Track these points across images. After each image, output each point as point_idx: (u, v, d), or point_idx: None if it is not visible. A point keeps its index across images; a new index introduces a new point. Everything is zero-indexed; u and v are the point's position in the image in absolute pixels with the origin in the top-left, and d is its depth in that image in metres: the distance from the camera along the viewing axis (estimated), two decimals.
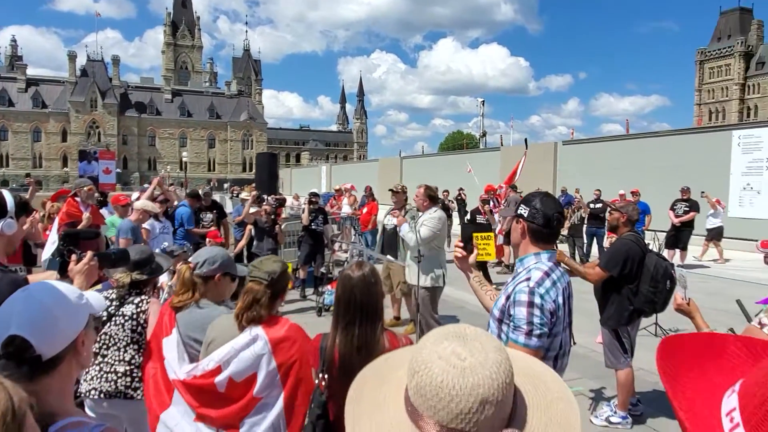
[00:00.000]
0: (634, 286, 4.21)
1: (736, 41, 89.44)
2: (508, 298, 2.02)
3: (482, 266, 9.24)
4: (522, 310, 1.93)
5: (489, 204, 10.38)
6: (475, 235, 9.46)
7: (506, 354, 0.82)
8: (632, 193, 12.12)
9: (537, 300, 1.93)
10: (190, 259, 2.59)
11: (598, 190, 13.25)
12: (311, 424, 2.22)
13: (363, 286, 2.17)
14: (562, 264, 3.52)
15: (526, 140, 14.34)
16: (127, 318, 2.77)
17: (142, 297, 2.84)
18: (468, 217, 10.73)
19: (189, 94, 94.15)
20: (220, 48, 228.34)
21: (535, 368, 0.96)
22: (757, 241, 5.11)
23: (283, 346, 2.27)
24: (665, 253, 10.66)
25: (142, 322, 2.76)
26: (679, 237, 11.34)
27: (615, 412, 4.32)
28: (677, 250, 11.43)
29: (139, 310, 2.78)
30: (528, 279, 1.99)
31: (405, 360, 0.85)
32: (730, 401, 0.68)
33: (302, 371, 2.31)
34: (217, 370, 2.25)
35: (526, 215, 2.12)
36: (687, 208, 11.29)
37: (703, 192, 11.88)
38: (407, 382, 0.81)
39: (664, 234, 11.46)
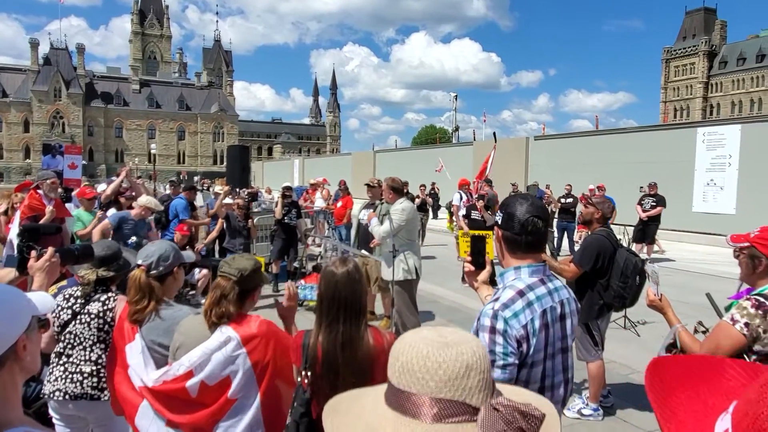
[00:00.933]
0: (605, 281, 4.28)
1: (700, 40, 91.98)
2: (478, 319, 1.79)
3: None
4: (485, 336, 1.69)
5: (484, 199, 10.02)
6: (470, 232, 9.33)
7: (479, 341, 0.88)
8: (598, 187, 12.32)
9: (500, 325, 1.68)
10: (139, 261, 2.46)
11: (569, 184, 13.46)
12: (294, 422, 2.17)
13: (347, 282, 2.14)
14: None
15: (494, 134, 14.45)
16: (93, 316, 2.66)
17: (109, 294, 2.74)
18: (463, 212, 10.52)
19: (158, 85, 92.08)
20: (190, 38, 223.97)
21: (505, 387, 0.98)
22: (719, 235, 5.27)
23: (257, 344, 2.21)
24: (633, 247, 10.90)
25: (109, 320, 2.66)
26: (646, 231, 11.60)
27: (587, 405, 4.39)
28: (644, 245, 11.69)
29: (105, 307, 2.68)
30: (496, 300, 1.75)
31: (370, 392, 0.89)
32: (724, 422, 0.66)
33: (279, 368, 2.26)
34: (189, 375, 2.17)
35: (500, 222, 1.88)
36: (654, 203, 11.55)
37: (641, 187, 12.13)
38: (390, 372, 0.84)
39: (632, 228, 11.71)
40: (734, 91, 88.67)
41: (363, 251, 6.31)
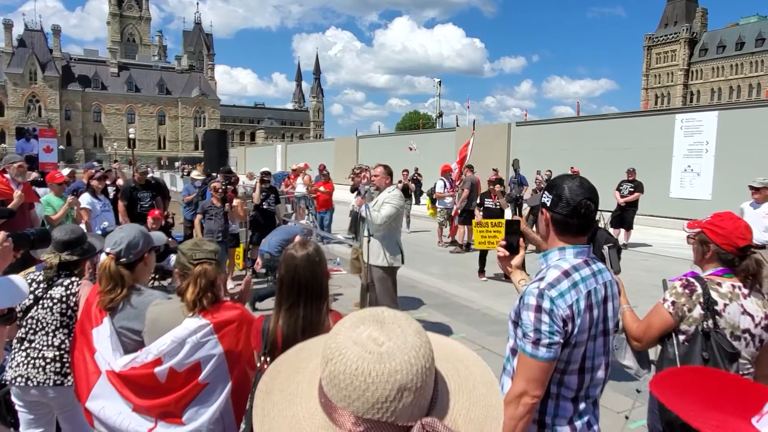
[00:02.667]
0: None
1: (681, 28, 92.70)
2: (521, 299, 1.77)
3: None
4: (529, 315, 1.68)
5: (501, 184, 9.31)
6: (484, 221, 8.64)
7: (426, 338, 0.78)
8: (572, 171, 12.40)
9: (546, 304, 1.67)
10: (107, 249, 2.39)
11: (549, 170, 13.57)
12: (252, 408, 2.14)
13: (307, 265, 2.10)
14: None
15: (474, 121, 14.57)
16: (55, 301, 2.61)
17: (73, 279, 2.68)
18: (477, 201, 9.84)
19: (137, 68, 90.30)
20: (169, 21, 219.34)
21: (458, 352, 0.93)
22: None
23: (229, 330, 2.19)
24: (611, 231, 11.03)
25: (72, 305, 2.62)
26: (624, 217, 11.74)
27: None
28: (622, 230, 11.84)
29: (69, 292, 2.63)
30: (541, 279, 1.74)
31: (320, 349, 0.80)
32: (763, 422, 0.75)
33: (250, 354, 2.24)
34: (158, 362, 2.14)
35: (549, 204, 1.82)
36: (632, 189, 11.68)
37: (572, 167, 12.27)
38: (320, 371, 0.76)
39: (610, 213, 11.84)
40: (714, 79, 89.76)
41: (339, 236, 6.29)
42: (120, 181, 9.22)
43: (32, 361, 2.59)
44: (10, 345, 2.70)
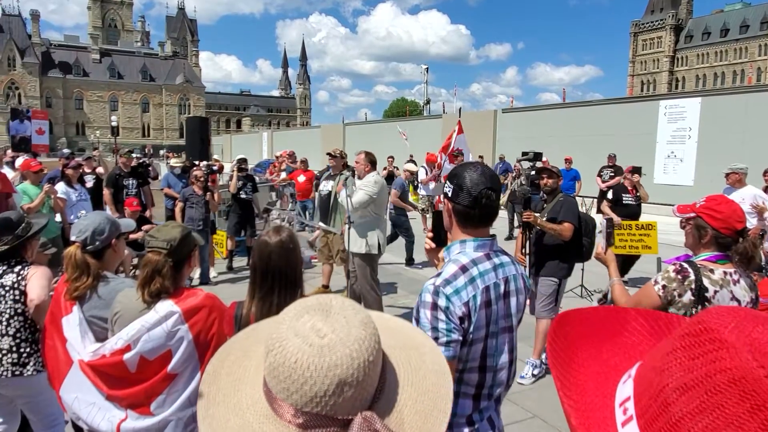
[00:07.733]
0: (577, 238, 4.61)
1: (667, 14, 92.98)
2: (420, 295, 1.72)
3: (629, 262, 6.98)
4: (426, 313, 1.63)
5: (638, 173, 7.40)
6: (625, 223, 6.98)
7: (372, 329, 0.75)
8: (566, 160, 12.45)
9: (441, 302, 1.62)
10: (72, 237, 2.35)
11: None
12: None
13: (281, 252, 2.06)
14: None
15: (459, 109, 14.55)
16: (7, 288, 2.55)
17: (23, 264, 2.63)
18: (610, 196, 7.63)
19: (119, 55, 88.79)
20: (152, 6, 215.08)
21: (416, 339, 0.91)
22: None
23: (199, 317, 2.15)
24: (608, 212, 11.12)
25: (23, 289, 2.57)
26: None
27: (534, 365, 4.55)
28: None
29: (20, 278, 2.57)
30: (438, 275, 1.68)
31: (264, 340, 0.77)
32: (626, 388, 0.59)
33: (221, 343, 2.21)
34: (127, 349, 2.10)
35: (450, 194, 1.76)
36: (612, 174, 11.79)
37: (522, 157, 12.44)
38: (263, 361, 0.74)
39: (594, 199, 11.92)
40: (699, 65, 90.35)
41: (321, 224, 6.25)
42: (100, 170, 9.08)
43: None
44: None
